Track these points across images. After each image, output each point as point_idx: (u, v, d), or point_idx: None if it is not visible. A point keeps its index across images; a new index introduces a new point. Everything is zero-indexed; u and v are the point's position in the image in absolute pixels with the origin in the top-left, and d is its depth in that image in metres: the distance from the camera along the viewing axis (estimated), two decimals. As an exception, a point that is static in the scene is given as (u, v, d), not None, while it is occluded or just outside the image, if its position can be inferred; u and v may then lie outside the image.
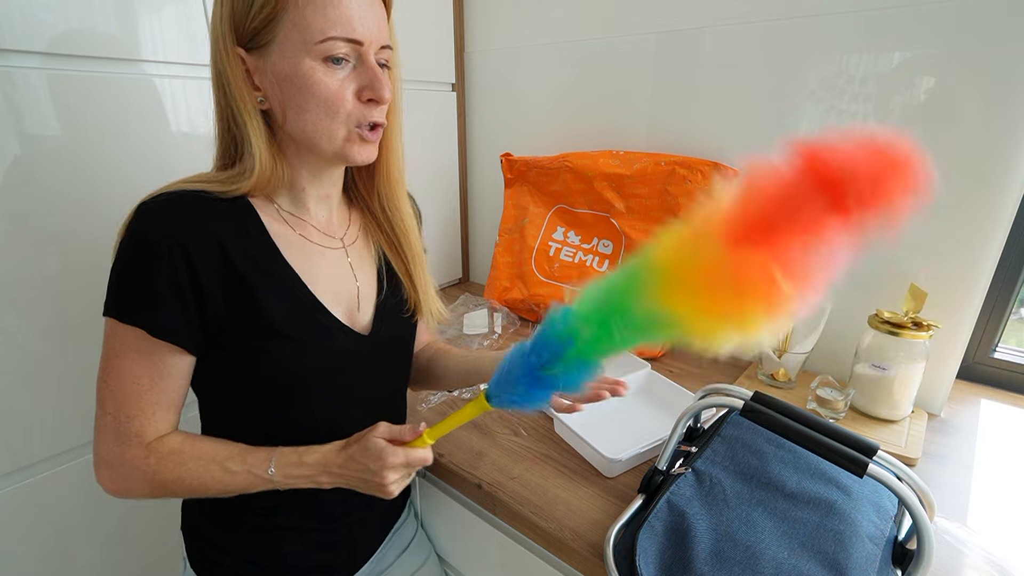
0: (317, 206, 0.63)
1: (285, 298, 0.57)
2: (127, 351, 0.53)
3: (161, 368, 0.54)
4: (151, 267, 0.50)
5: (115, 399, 0.54)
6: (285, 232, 0.59)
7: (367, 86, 0.53)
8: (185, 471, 0.55)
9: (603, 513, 0.66)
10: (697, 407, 0.61)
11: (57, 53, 0.71)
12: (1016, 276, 0.91)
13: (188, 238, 0.51)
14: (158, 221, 0.51)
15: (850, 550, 0.51)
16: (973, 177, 0.78)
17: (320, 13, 0.50)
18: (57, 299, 0.77)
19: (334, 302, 0.62)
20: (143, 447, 0.55)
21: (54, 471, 0.82)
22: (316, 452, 0.57)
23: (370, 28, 0.52)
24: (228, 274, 0.53)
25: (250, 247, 0.55)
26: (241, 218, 0.56)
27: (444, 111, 1.36)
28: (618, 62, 1.11)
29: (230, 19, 0.51)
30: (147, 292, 0.50)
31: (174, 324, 0.52)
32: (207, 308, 0.53)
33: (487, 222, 1.49)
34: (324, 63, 0.51)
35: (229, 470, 0.56)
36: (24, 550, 0.82)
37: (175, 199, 0.52)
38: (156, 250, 0.50)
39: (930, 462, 0.76)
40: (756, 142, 0.97)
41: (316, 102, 0.52)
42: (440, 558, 0.87)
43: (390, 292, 0.67)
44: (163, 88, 0.82)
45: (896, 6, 0.79)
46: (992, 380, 0.97)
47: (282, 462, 0.56)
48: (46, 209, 0.74)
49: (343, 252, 0.65)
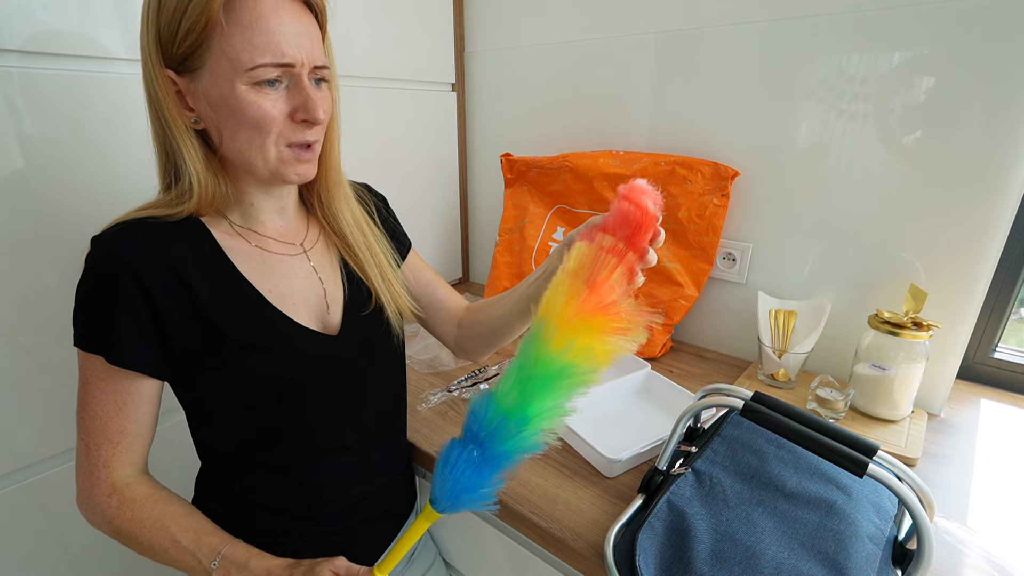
0: (270, 217, 0.63)
1: (242, 311, 0.57)
2: (93, 379, 0.54)
3: (124, 395, 0.55)
4: (106, 297, 0.52)
5: (85, 427, 0.55)
6: (239, 245, 0.60)
7: (300, 107, 0.53)
8: (139, 528, 0.55)
9: (603, 513, 0.66)
10: (697, 407, 0.61)
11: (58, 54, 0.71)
12: (1016, 276, 0.91)
13: (141, 265, 0.52)
14: (110, 251, 0.52)
15: (850, 550, 0.51)
16: (973, 177, 0.78)
17: (247, 40, 0.49)
18: (58, 299, 0.77)
19: (301, 307, 0.62)
20: (109, 483, 0.56)
21: (54, 471, 0.82)
22: (266, 560, 0.55)
23: (301, 50, 0.52)
24: (184, 295, 0.54)
25: (204, 266, 0.56)
26: (193, 238, 0.57)
27: (444, 111, 1.36)
28: (618, 62, 1.11)
29: (156, 42, 0.51)
30: (104, 321, 0.52)
31: (133, 351, 0.53)
32: (168, 331, 0.54)
33: (487, 222, 1.49)
34: (256, 87, 0.51)
35: (177, 543, 0.55)
36: (24, 550, 0.82)
37: (126, 227, 0.54)
38: (110, 280, 0.51)
39: (930, 462, 0.76)
40: (756, 142, 0.97)
41: (248, 123, 0.52)
42: (444, 561, 0.87)
43: (353, 291, 0.67)
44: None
45: (896, 6, 0.79)
46: (992, 380, 0.97)
47: (229, 557, 0.55)
48: (47, 210, 0.74)
49: (304, 257, 0.65)
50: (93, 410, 0.55)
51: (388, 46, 1.16)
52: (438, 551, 0.86)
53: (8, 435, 0.77)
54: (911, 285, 0.81)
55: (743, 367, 1.04)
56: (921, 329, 0.78)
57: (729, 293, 1.07)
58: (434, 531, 0.88)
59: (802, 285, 0.98)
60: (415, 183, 1.34)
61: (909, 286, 0.82)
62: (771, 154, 0.96)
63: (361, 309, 0.67)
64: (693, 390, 0.83)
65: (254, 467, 0.62)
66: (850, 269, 0.92)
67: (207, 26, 0.48)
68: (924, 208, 0.83)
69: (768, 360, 0.93)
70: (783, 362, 0.91)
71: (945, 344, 0.84)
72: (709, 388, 0.62)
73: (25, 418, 0.78)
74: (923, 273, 0.85)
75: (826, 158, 0.90)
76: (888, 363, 0.80)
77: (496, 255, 1.26)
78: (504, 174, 1.26)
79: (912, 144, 0.82)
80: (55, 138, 0.73)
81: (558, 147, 1.23)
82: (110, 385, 0.54)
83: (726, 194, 0.98)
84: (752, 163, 0.98)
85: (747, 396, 0.56)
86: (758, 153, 0.97)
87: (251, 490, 0.63)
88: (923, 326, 0.78)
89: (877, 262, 0.89)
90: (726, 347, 1.11)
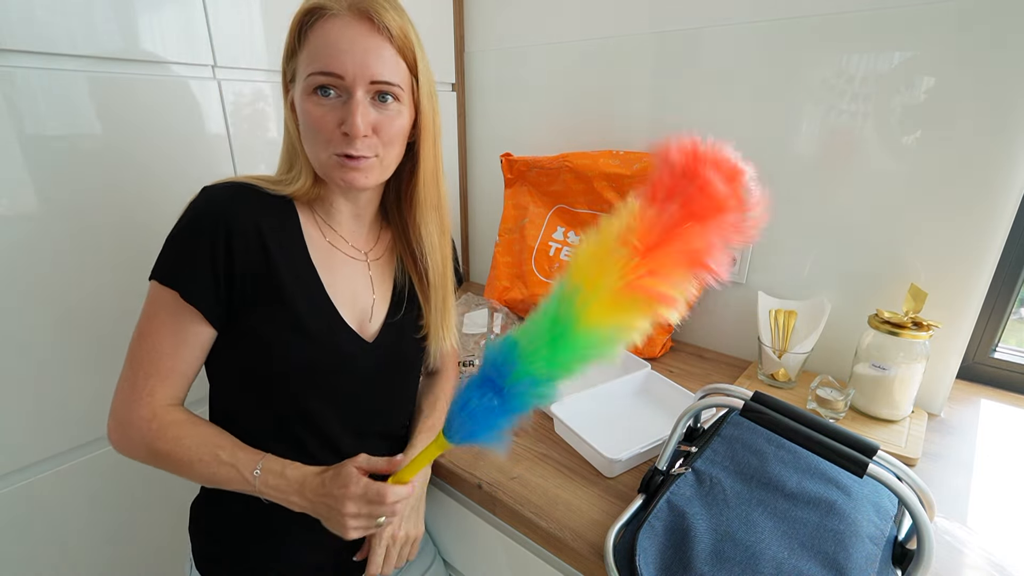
0: (348, 221, 0.69)
1: (303, 292, 0.62)
2: (159, 312, 0.58)
3: (184, 335, 0.59)
4: (198, 239, 0.57)
5: (139, 356, 0.59)
6: (316, 236, 0.66)
7: (344, 119, 0.57)
8: (179, 445, 0.58)
9: (603, 513, 0.66)
10: (697, 407, 0.61)
11: (61, 54, 0.71)
12: (1016, 276, 0.91)
13: (236, 219, 0.58)
14: (213, 200, 0.59)
15: (850, 550, 0.51)
16: (973, 177, 0.78)
17: (309, 53, 0.57)
18: (59, 299, 0.77)
19: (348, 308, 0.66)
20: (151, 410, 0.59)
21: (54, 471, 0.82)
22: (299, 470, 0.60)
23: (354, 63, 0.56)
24: (262, 258, 0.59)
25: (284, 242, 0.62)
26: (284, 215, 0.63)
27: (444, 111, 1.36)
28: (618, 62, 1.11)
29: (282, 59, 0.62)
30: (189, 259, 0.57)
31: (206, 294, 0.57)
32: (238, 286, 0.59)
33: (487, 222, 1.49)
34: (313, 94, 0.58)
35: (218, 458, 0.59)
36: (24, 550, 0.82)
37: (233, 186, 0.61)
38: (206, 225, 0.57)
39: (930, 462, 0.76)
40: (756, 142, 0.97)
41: (307, 128, 0.59)
42: (443, 560, 0.87)
43: (406, 310, 0.72)
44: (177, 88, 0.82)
45: (896, 6, 0.79)
46: (992, 380, 0.97)
47: (267, 468, 0.59)
48: (47, 211, 0.74)
49: (365, 265, 0.70)
50: (151, 342, 0.58)
51: (388, 46, 1.16)
52: (438, 551, 0.86)
53: (8, 435, 0.77)
54: (911, 285, 0.81)
55: (743, 367, 1.04)
56: (921, 329, 0.78)
57: (729, 293, 1.07)
58: (434, 531, 0.88)
59: (802, 285, 0.98)
60: (415, 183, 1.33)
61: (909, 286, 0.82)
62: (771, 154, 0.96)
63: (404, 328, 0.72)
64: (693, 390, 0.83)
65: (259, 441, 0.63)
66: (850, 269, 0.92)
67: (296, 45, 0.59)
68: (924, 208, 0.83)
69: (768, 360, 0.93)
70: (783, 362, 0.91)
71: (945, 344, 0.84)
72: (709, 388, 0.62)
73: (25, 418, 0.78)
74: (923, 273, 0.85)
75: (826, 158, 0.90)
76: (888, 363, 0.80)
77: (496, 255, 1.26)
78: (504, 174, 1.26)
79: (912, 144, 0.82)
80: (63, 137, 0.73)
81: (558, 147, 1.23)
82: (175, 322, 0.58)
83: (726, 194, 0.98)
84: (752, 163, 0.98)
85: (747, 396, 0.56)
86: (758, 153, 0.97)
87: None
88: (923, 326, 0.78)
89: (877, 262, 0.89)
90: (726, 347, 1.11)
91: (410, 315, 0.72)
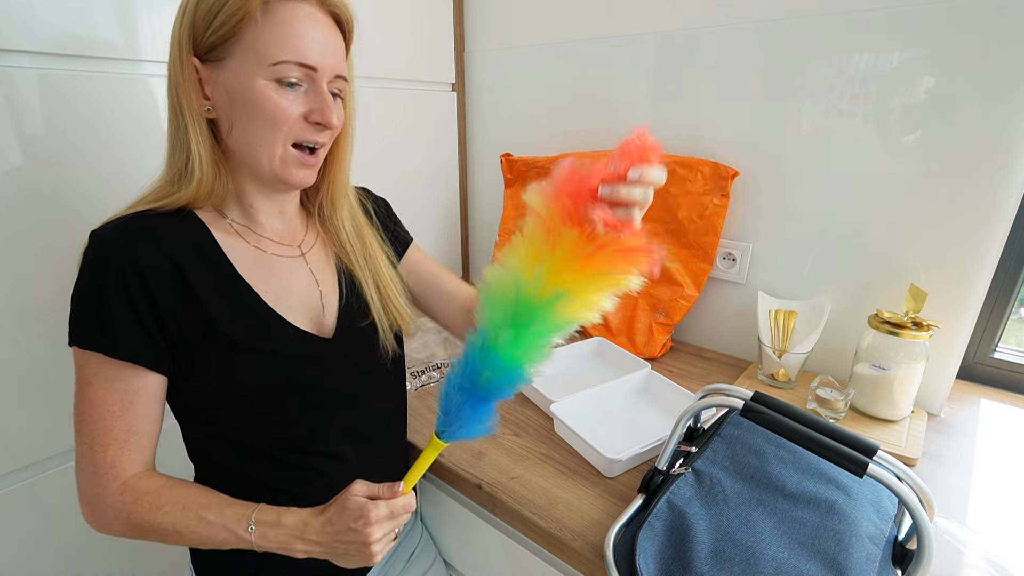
0: (269, 219, 0.64)
1: (238, 309, 0.57)
2: (95, 379, 0.53)
3: (129, 392, 0.54)
4: (105, 290, 0.51)
5: (89, 429, 0.54)
6: (238, 244, 0.60)
7: (316, 110, 0.55)
8: (160, 515, 0.54)
9: (603, 513, 0.66)
10: (697, 407, 0.61)
11: (58, 53, 0.71)
12: (1016, 276, 0.91)
13: (139, 255, 0.52)
14: (109, 244, 0.52)
15: (850, 550, 0.51)
16: (973, 177, 0.78)
17: (276, 37, 0.52)
18: (58, 299, 0.77)
19: (297, 310, 0.62)
20: (119, 482, 0.54)
21: (54, 471, 0.82)
22: (295, 514, 0.56)
23: (325, 56, 0.54)
24: (182, 286, 0.54)
25: (201, 261, 0.56)
26: (191, 232, 0.57)
27: (444, 111, 1.36)
28: (618, 62, 1.11)
29: (190, 29, 0.53)
30: (103, 315, 0.51)
31: (132, 344, 0.52)
32: (167, 323, 0.53)
33: (487, 222, 1.49)
34: (276, 84, 0.53)
35: (205, 521, 0.55)
36: (24, 550, 0.82)
37: (123, 220, 0.55)
38: (109, 272, 0.51)
39: (930, 462, 0.76)
40: (756, 142, 0.97)
41: (262, 117, 0.54)
42: (443, 560, 0.87)
43: (351, 296, 0.67)
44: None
45: (896, 6, 0.79)
46: (992, 380, 0.97)
47: (261, 520, 0.55)
48: (48, 211, 0.74)
49: (302, 259, 0.65)
50: (97, 411, 0.53)
51: (388, 46, 1.16)
52: (438, 551, 0.86)
53: (8, 435, 0.77)
54: (911, 285, 0.81)
55: (743, 367, 1.04)
56: (921, 329, 0.78)
57: (729, 293, 1.07)
58: (434, 531, 0.88)
59: (802, 285, 0.98)
60: (415, 183, 1.34)
61: (909, 286, 0.82)
62: (771, 154, 0.96)
63: (357, 313, 0.68)
64: (693, 390, 0.83)
65: (248, 473, 0.61)
66: (850, 269, 0.92)
67: (242, 20, 0.51)
68: (924, 208, 0.83)
69: (768, 360, 0.93)
70: (783, 362, 0.91)
71: (945, 344, 0.84)
72: (709, 388, 0.62)
73: (25, 418, 0.78)
74: (923, 273, 0.85)
75: (826, 158, 0.90)
76: (888, 363, 0.80)
77: (496, 255, 1.26)
78: (504, 174, 1.26)
79: (912, 144, 0.82)
80: (58, 137, 0.73)
81: (558, 147, 1.23)
82: (114, 383, 0.53)
83: (726, 194, 0.98)
84: (752, 163, 0.98)
85: (747, 396, 0.56)
86: (758, 153, 0.97)
87: (247, 496, 0.63)
88: (923, 326, 0.78)
89: (877, 262, 0.89)
90: (726, 347, 1.11)
91: (356, 299, 0.68)
